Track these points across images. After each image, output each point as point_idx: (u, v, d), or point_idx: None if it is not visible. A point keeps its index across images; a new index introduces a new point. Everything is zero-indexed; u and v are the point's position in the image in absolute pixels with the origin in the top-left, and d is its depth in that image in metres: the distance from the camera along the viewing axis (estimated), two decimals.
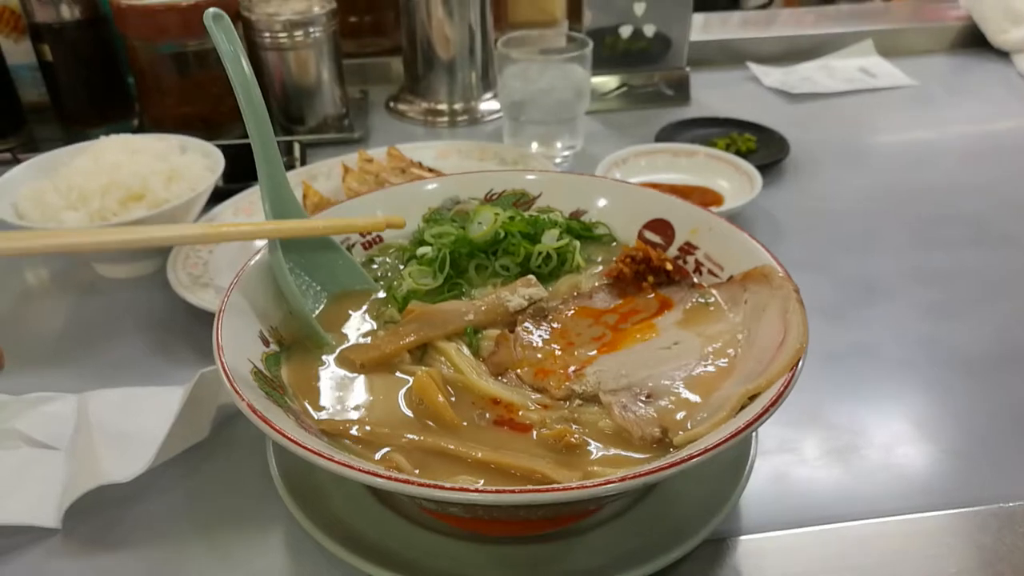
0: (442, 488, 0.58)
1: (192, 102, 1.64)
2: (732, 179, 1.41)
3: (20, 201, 1.18)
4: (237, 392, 0.66)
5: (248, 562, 0.78)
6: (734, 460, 0.81)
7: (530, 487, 0.58)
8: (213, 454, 0.91)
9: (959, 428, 0.93)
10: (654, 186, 1.42)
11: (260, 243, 1.22)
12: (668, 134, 1.64)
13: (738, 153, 1.52)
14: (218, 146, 1.32)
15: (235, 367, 0.70)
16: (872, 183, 1.53)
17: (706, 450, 0.60)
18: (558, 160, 1.60)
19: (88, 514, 0.83)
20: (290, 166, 1.49)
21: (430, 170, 1.41)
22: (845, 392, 0.99)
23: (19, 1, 1.59)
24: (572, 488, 0.58)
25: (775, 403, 0.65)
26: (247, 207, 1.32)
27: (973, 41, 2.21)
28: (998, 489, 0.84)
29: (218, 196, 1.31)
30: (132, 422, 0.93)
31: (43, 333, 1.15)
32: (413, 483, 0.58)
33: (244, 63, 0.79)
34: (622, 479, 0.58)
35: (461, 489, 0.58)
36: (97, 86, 1.67)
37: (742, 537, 0.79)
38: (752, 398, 0.68)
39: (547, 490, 0.58)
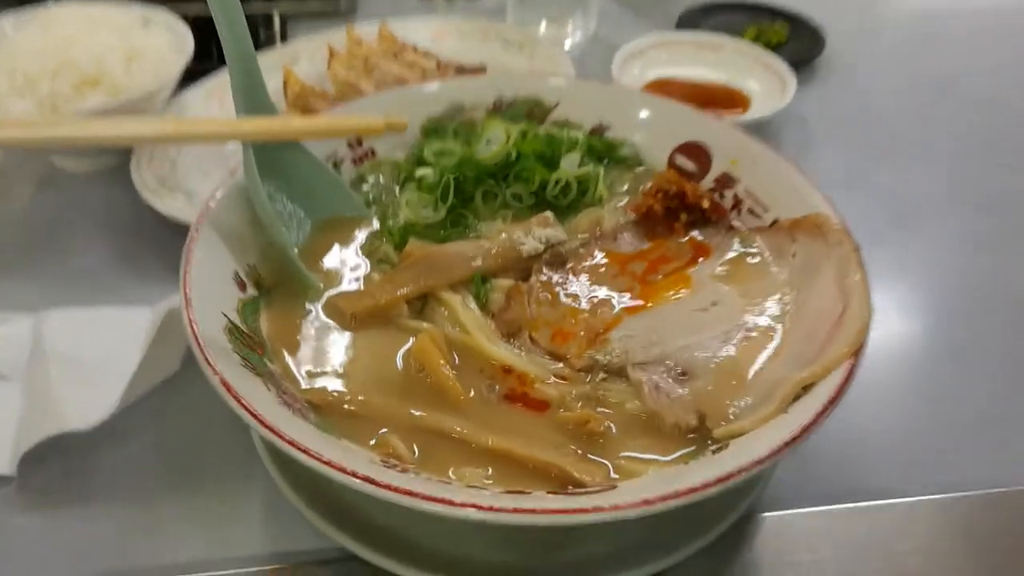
0: (451, 504, 0.49)
1: None
2: (762, 79, 1.27)
3: None
4: (211, 367, 0.56)
5: (223, 524, 0.70)
6: None
7: (550, 506, 0.50)
8: (184, 391, 0.81)
9: (999, 394, 0.84)
10: (675, 83, 1.29)
11: (233, 146, 1.10)
12: (691, 20, 1.47)
13: (767, 46, 1.36)
14: (187, 18, 1.15)
15: (207, 328, 0.60)
16: (917, 86, 1.36)
17: (756, 462, 0.52)
18: (569, 45, 1.43)
19: (45, 460, 0.74)
20: (269, 42, 1.33)
21: (426, 54, 1.25)
22: (876, 339, 0.89)
23: None
24: (603, 509, 0.49)
25: (834, 400, 0.56)
26: (219, 91, 1.16)
27: None
28: None
29: (188, 75, 1.14)
30: (94, 350, 0.82)
31: None
32: (417, 495, 0.49)
33: None
34: (663, 498, 0.50)
35: (473, 506, 0.49)
36: None
37: (767, 514, 0.72)
38: (806, 387, 0.59)
39: (570, 511, 0.49)
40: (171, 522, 0.71)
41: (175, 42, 1.11)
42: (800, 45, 1.41)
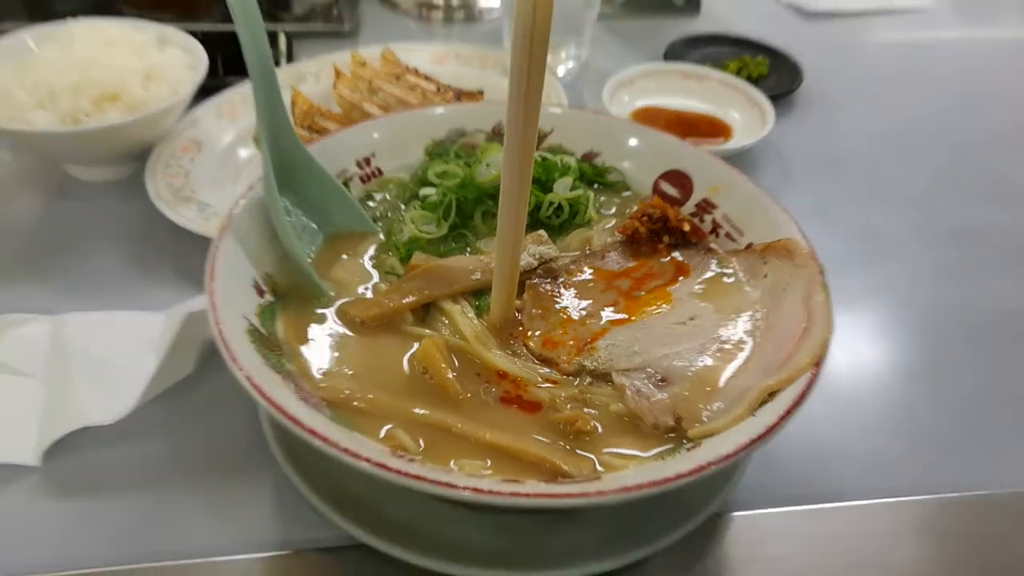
0: (454, 487, 0.55)
1: None
2: (743, 110, 1.35)
3: None
4: (238, 365, 0.62)
5: (233, 514, 0.76)
6: None
7: (541, 491, 0.56)
8: (198, 390, 0.87)
9: (965, 408, 0.91)
10: (662, 112, 1.36)
11: (242, 156, 1.17)
12: (678, 51, 1.55)
13: (749, 79, 1.45)
14: (197, 34, 1.22)
15: (231, 330, 0.65)
16: (889, 123, 1.45)
17: (726, 457, 0.58)
18: (562, 72, 1.51)
19: (67, 452, 0.79)
20: (275, 61, 1.38)
21: (426, 78, 1.32)
22: (844, 361, 0.97)
23: None
24: (588, 495, 0.55)
25: (797, 404, 0.63)
26: (230, 109, 1.23)
27: None
28: (1004, 473, 0.84)
29: (198, 91, 1.21)
30: (112, 351, 0.88)
31: (8, 241, 1.08)
32: (424, 480, 0.55)
33: None
34: (641, 486, 0.56)
35: (473, 489, 0.55)
36: None
37: (737, 513, 0.79)
38: (772, 394, 0.66)
39: (559, 496, 0.56)
40: (184, 511, 0.76)
41: (189, 60, 1.17)
42: (780, 79, 1.50)
